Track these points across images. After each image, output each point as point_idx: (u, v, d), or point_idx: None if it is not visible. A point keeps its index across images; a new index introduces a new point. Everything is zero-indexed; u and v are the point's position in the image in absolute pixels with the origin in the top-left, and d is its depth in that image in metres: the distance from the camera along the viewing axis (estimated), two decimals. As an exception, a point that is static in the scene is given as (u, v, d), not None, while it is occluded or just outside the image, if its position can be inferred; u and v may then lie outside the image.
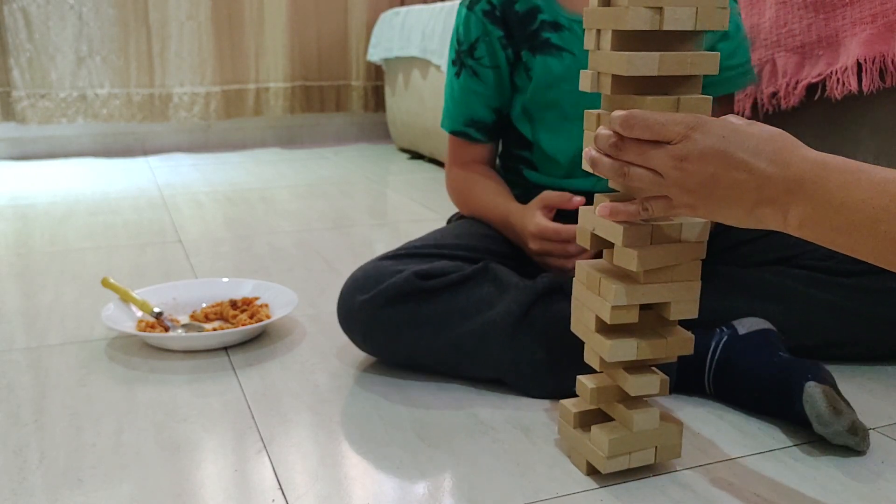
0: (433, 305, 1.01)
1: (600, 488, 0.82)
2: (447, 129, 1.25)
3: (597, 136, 0.72)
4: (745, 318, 1.02)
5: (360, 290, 1.04)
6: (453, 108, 1.24)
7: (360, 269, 1.08)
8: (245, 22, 3.20)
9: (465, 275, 1.03)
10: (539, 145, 1.19)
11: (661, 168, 0.68)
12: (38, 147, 3.10)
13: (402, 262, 1.07)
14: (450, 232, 1.18)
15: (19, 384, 1.08)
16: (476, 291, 1.02)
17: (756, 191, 0.65)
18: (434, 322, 1.01)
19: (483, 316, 1.00)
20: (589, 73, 0.78)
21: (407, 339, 1.03)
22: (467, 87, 1.21)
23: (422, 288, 1.02)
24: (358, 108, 3.44)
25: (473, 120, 1.22)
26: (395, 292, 1.01)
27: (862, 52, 1.24)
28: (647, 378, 0.80)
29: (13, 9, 2.88)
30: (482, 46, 1.18)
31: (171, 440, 0.92)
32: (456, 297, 1.02)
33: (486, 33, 1.17)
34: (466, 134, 1.23)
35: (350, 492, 0.82)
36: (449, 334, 1.01)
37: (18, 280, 1.55)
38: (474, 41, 1.18)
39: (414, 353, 1.04)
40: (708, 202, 0.68)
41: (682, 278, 0.78)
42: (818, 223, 0.63)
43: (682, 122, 0.67)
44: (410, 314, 1.01)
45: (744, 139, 0.66)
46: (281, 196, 2.37)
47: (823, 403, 0.86)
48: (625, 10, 0.70)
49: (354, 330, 1.07)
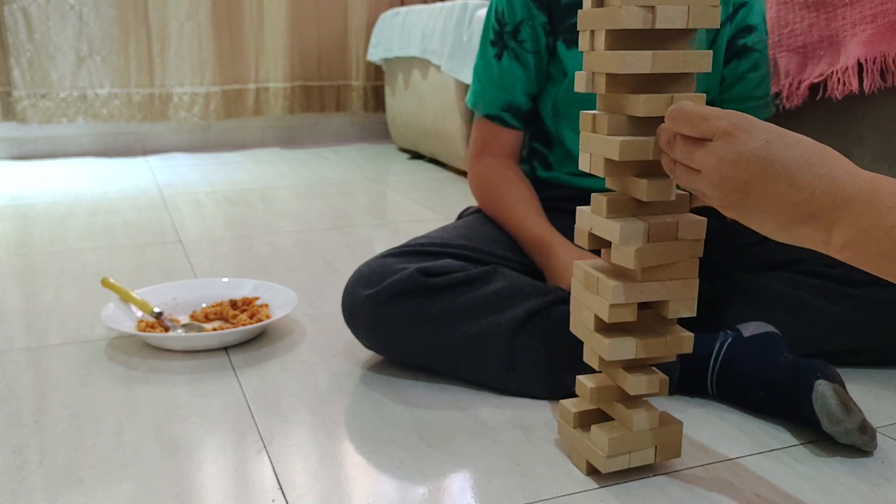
0: (438, 303, 1.01)
1: (600, 488, 0.82)
2: (482, 112, 1.20)
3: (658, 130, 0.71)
4: (750, 323, 1.02)
5: (365, 286, 1.04)
6: (491, 90, 1.18)
7: (365, 265, 1.08)
8: (245, 22, 3.20)
9: (471, 275, 1.02)
10: (563, 142, 1.18)
11: (701, 166, 0.65)
12: (38, 147, 3.11)
13: (407, 259, 1.07)
14: (459, 231, 1.16)
15: (19, 384, 1.08)
16: (482, 292, 1.02)
17: (796, 206, 0.60)
18: (437, 320, 1.01)
19: (488, 317, 1.00)
20: (584, 74, 0.78)
21: (409, 336, 1.02)
22: (510, 70, 1.16)
23: (426, 285, 1.01)
24: (358, 108, 3.44)
25: (511, 105, 1.18)
26: (400, 288, 1.01)
27: (863, 51, 1.24)
28: (646, 377, 0.80)
29: (13, 9, 2.88)
30: (526, 29, 1.14)
31: (171, 440, 0.92)
32: (460, 297, 1.01)
33: (531, 17, 1.14)
34: (502, 119, 1.19)
35: (350, 492, 0.82)
36: (452, 333, 1.01)
37: (18, 280, 1.55)
38: (519, 23, 1.14)
39: (416, 350, 1.04)
40: (740, 209, 0.64)
41: (680, 276, 0.78)
42: (865, 246, 0.58)
43: (725, 118, 0.63)
44: (414, 311, 1.01)
45: (788, 147, 0.61)
46: (281, 196, 2.37)
47: (835, 401, 0.86)
48: (617, 10, 0.70)
49: (358, 325, 1.06)
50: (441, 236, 1.13)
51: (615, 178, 0.79)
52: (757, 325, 1.00)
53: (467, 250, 1.09)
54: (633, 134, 0.75)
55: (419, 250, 1.09)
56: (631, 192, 0.77)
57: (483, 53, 1.19)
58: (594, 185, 1.14)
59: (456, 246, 1.10)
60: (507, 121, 1.19)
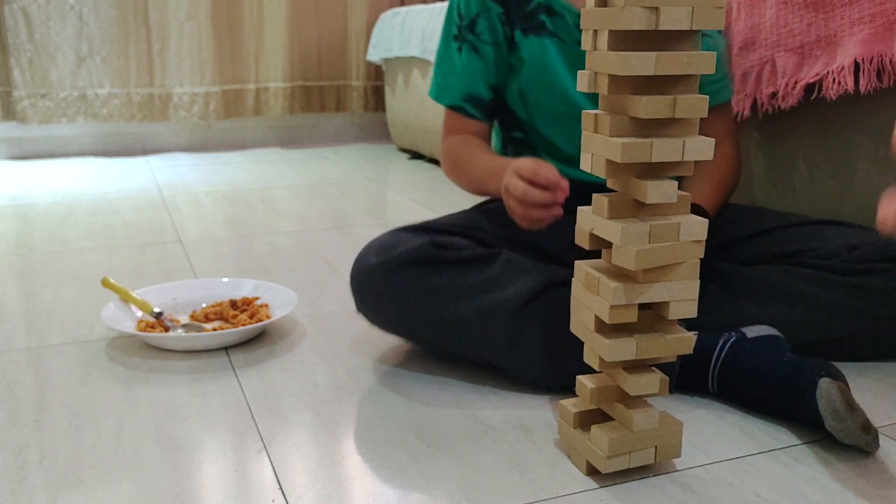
0: (444, 277, 1.02)
1: (600, 488, 0.82)
2: (445, 102, 1.24)
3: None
4: (754, 325, 1.02)
5: (376, 254, 1.06)
6: (453, 81, 1.22)
7: (377, 238, 1.10)
8: (245, 22, 3.20)
9: (479, 253, 1.04)
10: (537, 129, 1.20)
11: None
12: (38, 147, 3.10)
13: (420, 234, 1.09)
14: (466, 218, 1.18)
15: (19, 384, 1.08)
16: (488, 270, 1.02)
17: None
18: (443, 293, 1.01)
19: (492, 295, 1.00)
20: (586, 74, 0.78)
21: (414, 307, 1.03)
22: (469, 62, 1.20)
23: (436, 257, 1.03)
24: (358, 108, 3.44)
25: (472, 96, 1.21)
26: (410, 258, 1.03)
27: (860, 51, 1.24)
28: (646, 378, 0.80)
29: (13, 9, 2.88)
30: (482, 22, 1.18)
31: (171, 440, 0.92)
32: (468, 273, 1.02)
33: (487, 10, 1.17)
34: (464, 109, 1.23)
35: (350, 492, 0.82)
36: (456, 308, 1.01)
37: (18, 280, 1.55)
38: (475, 16, 1.18)
39: (419, 322, 1.04)
40: None
41: (681, 277, 0.78)
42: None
43: None
44: (421, 282, 1.02)
45: None
46: (281, 196, 2.37)
47: (839, 399, 0.85)
48: (621, 11, 0.70)
49: (365, 293, 1.07)
50: (450, 220, 1.16)
51: (617, 179, 0.79)
52: (761, 328, 1.01)
53: (479, 232, 1.12)
54: (636, 135, 0.75)
55: (431, 227, 1.11)
56: (633, 193, 0.77)
57: (445, 47, 1.23)
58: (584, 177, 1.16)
59: (469, 228, 1.12)
60: (469, 111, 1.22)
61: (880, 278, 1.04)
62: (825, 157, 1.38)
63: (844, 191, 1.35)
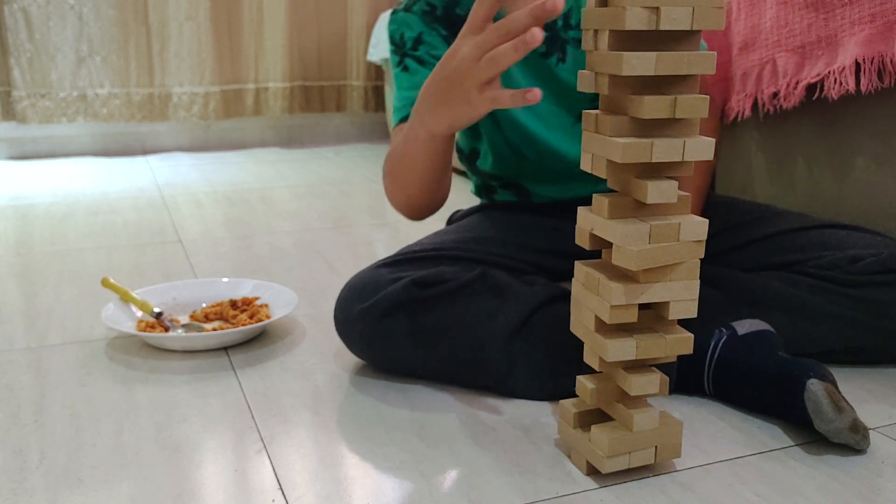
0: (431, 316, 1.00)
1: (600, 488, 0.82)
2: (397, 118, 1.13)
3: None
4: (745, 320, 1.02)
5: (358, 299, 1.03)
6: (400, 100, 1.14)
7: (358, 277, 1.06)
8: (244, 22, 3.20)
9: (462, 282, 1.02)
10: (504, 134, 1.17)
11: None
12: (38, 147, 3.10)
13: (401, 268, 1.06)
14: (450, 235, 1.16)
15: (19, 384, 1.08)
16: (475, 301, 1.01)
17: None
18: (432, 333, 1.00)
19: (482, 327, 1.00)
20: (587, 74, 0.78)
21: (405, 349, 1.02)
22: (415, 73, 1.13)
23: (420, 297, 1.00)
24: (358, 108, 3.44)
25: None
26: (394, 302, 1.00)
27: (861, 51, 1.24)
28: (646, 378, 0.80)
29: (13, 9, 2.88)
30: (426, 38, 1.14)
31: (171, 440, 0.92)
32: (454, 307, 1.01)
33: (431, 31, 1.14)
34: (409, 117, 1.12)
35: (350, 492, 0.82)
36: (448, 344, 1.00)
37: (18, 280, 1.55)
38: (417, 36, 1.14)
39: (412, 363, 1.03)
40: None
41: (682, 277, 0.78)
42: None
43: None
44: (409, 325, 1.00)
45: None
46: (281, 196, 2.37)
47: (826, 400, 0.86)
48: (622, 11, 0.70)
49: (352, 339, 1.06)
50: (433, 242, 1.13)
51: (617, 179, 0.79)
52: (752, 323, 1.01)
53: (461, 251, 1.09)
54: (636, 135, 0.75)
55: (412, 258, 1.08)
56: (633, 193, 0.77)
57: (397, 79, 1.16)
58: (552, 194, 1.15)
59: (449, 249, 1.10)
60: None
61: (882, 290, 1.04)
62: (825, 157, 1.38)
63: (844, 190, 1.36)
